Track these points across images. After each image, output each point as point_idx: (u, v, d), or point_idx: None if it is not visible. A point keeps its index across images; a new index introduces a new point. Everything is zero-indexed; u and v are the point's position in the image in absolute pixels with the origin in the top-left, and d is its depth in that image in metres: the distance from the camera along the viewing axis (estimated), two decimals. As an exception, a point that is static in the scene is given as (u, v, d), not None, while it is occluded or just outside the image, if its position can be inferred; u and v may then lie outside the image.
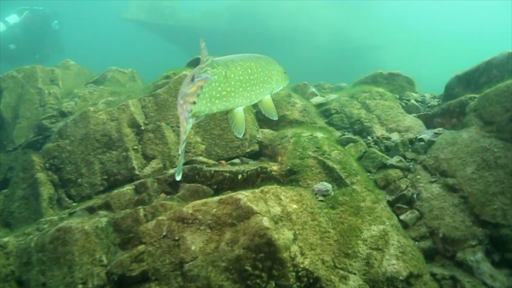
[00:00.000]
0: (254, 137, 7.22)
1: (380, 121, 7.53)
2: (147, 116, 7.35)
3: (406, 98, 8.61)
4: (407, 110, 8.03)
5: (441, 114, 7.04)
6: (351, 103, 8.08)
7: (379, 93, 8.29)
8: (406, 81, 9.42)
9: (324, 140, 6.40)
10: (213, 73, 2.96)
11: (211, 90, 2.97)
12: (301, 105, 7.93)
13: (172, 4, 35.38)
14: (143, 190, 6.32)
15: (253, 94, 3.54)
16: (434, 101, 8.53)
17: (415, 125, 7.23)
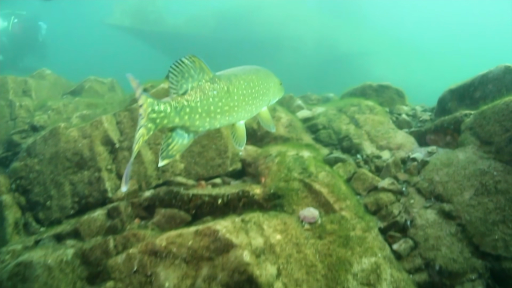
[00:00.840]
0: (237, 155, 6.79)
1: (370, 138, 7.12)
2: (122, 132, 6.87)
3: (396, 112, 8.23)
4: (398, 125, 7.64)
5: (434, 130, 6.65)
6: (339, 118, 7.67)
7: (368, 107, 7.89)
8: (396, 93, 9.04)
9: (310, 160, 5.97)
10: (213, 88, 2.95)
11: (207, 105, 2.93)
12: (286, 120, 7.50)
13: (157, 10, 34.91)
14: (115, 215, 5.83)
15: (254, 107, 3.50)
16: (425, 115, 8.14)
17: (407, 142, 6.83)
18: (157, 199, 5.84)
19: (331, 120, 7.63)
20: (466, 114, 6.15)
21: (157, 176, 6.52)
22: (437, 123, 6.64)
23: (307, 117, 7.83)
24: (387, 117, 7.79)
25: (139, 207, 5.92)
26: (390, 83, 9.11)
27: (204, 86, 2.92)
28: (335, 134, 7.34)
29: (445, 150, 6.04)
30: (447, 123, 6.37)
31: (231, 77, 3.18)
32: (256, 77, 3.51)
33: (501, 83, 6.29)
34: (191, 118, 2.86)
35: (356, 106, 7.95)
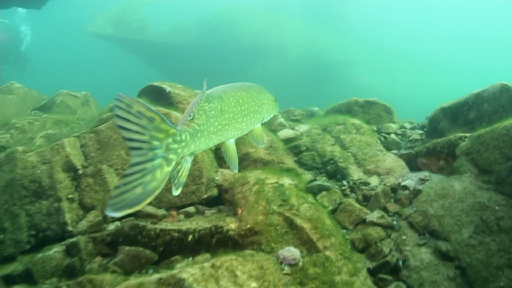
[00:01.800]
0: (212, 180, 6.22)
1: (356, 161, 6.58)
2: (87, 157, 6.25)
3: (385, 131, 7.70)
4: (387, 146, 7.12)
5: (427, 154, 6.13)
6: (324, 138, 7.12)
7: (354, 126, 7.36)
8: (384, 110, 8.53)
9: (292, 189, 5.41)
10: (210, 108, 2.86)
11: (210, 126, 2.84)
12: (267, 141, 6.94)
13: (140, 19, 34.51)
14: (74, 252, 5.19)
15: (244, 125, 3.38)
16: (415, 134, 7.63)
17: (397, 166, 6.30)
18: (121, 234, 5.22)
19: (315, 140, 7.09)
20: (461, 137, 5.63)
21: (125, 205, 5.89)
22: (429, 146, 6.12)
23: (289, 137, 7.27)
24: (375, 137, 7.26)
25: (101, 243, 5.29)
26: (377, 99, 8.60)
27: (204, 107, 2.83)
28: (319, 157, 6.79)
29: (439, 178, 5.51)
30: (440, 146, 5.84)
31: (221, 95, 3.09)
32: (246, 94, 3.41)
33: (497, 103, 5.80)
34: (200, 142, 2.75)
35: (342, 124, 7.42)
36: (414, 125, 8.57)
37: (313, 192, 5.72)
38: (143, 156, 2.23)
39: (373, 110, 8.44)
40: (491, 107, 5.83)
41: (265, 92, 3.92)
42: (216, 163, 6.56)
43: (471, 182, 4.93)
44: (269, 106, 3.99)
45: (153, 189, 2.16)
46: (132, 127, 2.17)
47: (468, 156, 5.25)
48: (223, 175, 6.40)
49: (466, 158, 5.26)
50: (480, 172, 4.99)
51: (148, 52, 33.45)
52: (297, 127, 7.98)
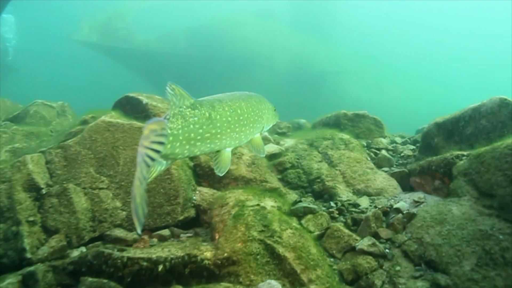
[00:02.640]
0: (190, 200, 5.74)
1: (345, 180, 6.11)
2: (53, 174, 5.72)
3: (375, 147, 7.26)
4: (377, 163, 6.66)
5: (420, 172, 5.68)
6: (310, 154, 6.65)
7: (343, 141, 6.90)
8: (374, 123, 8.09)
9: (274, 212, 4.92)
10: (194, 114, 2.89)
11: (188, 132, 2.85)
12: (249, 157, 6.46)
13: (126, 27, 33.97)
14: (32, 283, 4.64)
15: (243, 134, 3.41)
16: (407, 150, 7.20)
17: (389, 186, 5.84)
18: (84, 263, 4.67)
19: (300, 157, 6.62)
20: (458, 155, 5.18)
21: (92, 227, 5.39)
22: (423, 164, 5.67)
23: (273, 153, 6.79)
24: (365, 153, 6.81)
25: (63, 273, 4.74)
26: (367, 112, 8.16)
27: (185, 113, 2.85)
28: (305, 175, 6.32)
29: (435, 200, 5.05)
30: (436, 165, 5.39)
31: (214, 103, 3.09)
32: (245, 104, 3.42)
33: (496, 119, 5.37)
34: (172, 146, 2.77)
35: (330, 139, 6.95)
36: (405, 140, 8.15)
37: (297, 215, 5.23)
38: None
39: (363, 123, 8.00)
40: (490, 123, 5.40)
41: (265, 102, 3.96)
42: (194, 181, 6.07)
43: (471, 207, 4.47)
44: (269, 116, 3.99)
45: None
46: None
47: (467, 177, 4.79)
48: (202, 194, 5.92)
49: (465, 179, 4.81)
50: (481, 196, 4.53)
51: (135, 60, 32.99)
52: (282, 141, 7.51)
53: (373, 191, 5.78)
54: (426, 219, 4.66)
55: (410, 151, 7.10)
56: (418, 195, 5.28)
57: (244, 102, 3.43)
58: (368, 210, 5.25)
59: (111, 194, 5.60)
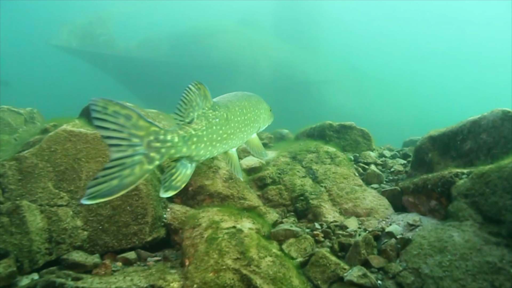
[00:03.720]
0: (160, 219, 5.14)
1: (331, 198, 5.54)
2: (5, 190, 5.04)
3: (363, 161, 6.72)
4: (366, 179, 6.12)
5: (415, 191, 5.14)
6: (293, 169, 6.08)
7: (329, 154, 6.34)
8: (361, 135, 7.56)
9: (252, 237, 4.33)
10: (215, 116, 2.94)
11: (212, 133, 2.91)
12: (227, 171, 5.87)
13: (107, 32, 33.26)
14: (-32, 318, 4.00)
15: (245, 134, 3.47)
16: (397, 164, 6.68)
17: (379, 206, 5.29)
18: (31, 295, 4.04)
19: (282, 171, 6.04)
20: (457, 173, 4.65)
21: (48, 250, 4.73)
22: (417, 182, 5.12)
23: (253, 167, 6.20)
24: (352, 168, 6.25)
25: (6, 306, 4.10)
26: (354, 123, 7.63)
27: (208, 114, 2.90)
28: (287, 192, 5.74)
29: (432, 224, 4.50)
30: (432, 183, 4.85)
31: (228, 104, 3.16)
32: (248, 103, 3.49)
33: (498, 133, 4.86)
34: (197, 148, 2.80)
35: (314, 152, 6.39)
36: (394, 153, 7.64)
37: (278, 238, 4.64)
38: (122, 152, 2.27)
39: (349, 135, 7.46)
40: (491, 138, 4.88)
41: (263, 102, 4.01)
42: (165, 197, 5.44)
43: (474, 233, 3.92)
44: (265, 116, 4.03)
45: (129, 184, 2.24)
46: (109, 126, 2.21)
47: (469, 198, 4.25)
48: (173, 212, 5.32)
49: (466, 201, 4.26)
50: (486, 221, 3.99)
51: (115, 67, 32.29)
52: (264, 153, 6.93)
53: (362, 212, 5.23)
54: (423, 246, 4.10)
55: (400, 166, 6.58)
56: (413, 217, 4.72)
57: (247, 102, 3.50)
58: (357, 234, 4.68)
59: (71, 212, 4.96)
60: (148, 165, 2.35)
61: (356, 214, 5.22)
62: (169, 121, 7.04)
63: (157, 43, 31.82)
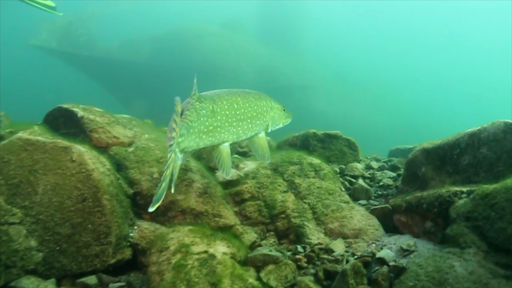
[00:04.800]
0: (125, 238, 4.58)
1: (315, 216, 5.02)
2: None
3: (350, 174, 6.22)
4: (353, 195, 5.62)
5: (407, 210, 4.65)
6: (274, 182, 5.54)
7: (313, 167, 5.82)
8: (347, 145, 7.07)
9: (226, 264, 3.79)
10: (201, 107, 3.08)
11: (200, 124, 3.06)
12: (201, 185, 5.32)
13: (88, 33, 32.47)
14: None
15: (240, 130, 3.63)
16: (386, 178, 6.20)
17: (369, 226, 4.78)
18: (-37, 333, 3.45)
19: (262, 185, 5.50)
20: (456, 192, 4.16)
21: (-5, 274, 4.14)
22: (410, 200, 4.63)
23: (230, 180, 5.65)
24: (338, 182, 5.74)
25: None
26: (339, 132, 7.14)
27: (195, 106, 3.07)
28: (267, 208, 5.20)
29: (428, 249, 3.99)
30: (428, 203, 4.36)
31: (214, 97, 3.35)
32: (242, 99, 3.61)
33: (500, 148, 4.39)
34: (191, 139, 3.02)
35: (297, 164, 5.87)
36: (382, 164, 7.17)
37: (256, 265, 4.10)
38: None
39: (335, 145, 6.97)
40: (492, 152, 4.41)
41: (268, 100, 4.08)
42: (133, 213, 4.91)
43: (479, 264, 3.42)
44: (274, 115, 4.11)
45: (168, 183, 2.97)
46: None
47: (471, 222, 3.76)
48: (141, 230, 4.77)
49: (468, 225, 3.77)
50: (492, 249, 3.50)
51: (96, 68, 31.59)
52: (242, 164, 6.39)
53: (350, 232, 4.72)
54: (420, 277, 3.59)
55: (390, 180, 6.10)
56: (406, 241, 4.21)
57: (240, 97, 3.55)
58: (344, 258, 4.16)
59: (24, 230, 4.37)
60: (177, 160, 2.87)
61: (343, 235, 4.70)
62: (142, 128, 6.47)
63: (139, 44, 31.19)
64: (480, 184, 4.21)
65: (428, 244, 4.15)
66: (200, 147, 3.20)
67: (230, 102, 3.40)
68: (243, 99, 3.61)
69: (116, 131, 5.79)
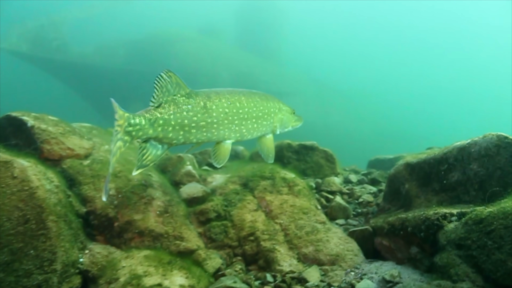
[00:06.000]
0: (74, 265, 3.99)
1: (287, 239, 4.49)
2: None
3: (326, 189, 5.72)
4: (330, 213, 5.12)
5: (390, 233, 4.16)
6: (243, 199, 5.00)
7: (286, 182, 5.29)
8: (324, 157, 6.58)
9: (182, 298, 3.25)
10: (188, 103, 3.21)
11: (181, 118, 3.17)
12: (162, 203, 4.75)
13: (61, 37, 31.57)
14: None
15: (244, 128, 3.62)
16: (366, 194, 5.73)
17: (347, 252, 4.26)
18: None
19: (230, 203, 4.96)
20: (445, 215, 3.68)
21: None
22: (393, 222, 4.14)
23: (195, 196, 5.09)
24: (314, 199, 5.22)
25: None
26: (316, 143, 6.64)
27: (179, 100, 3.19)
28: (234, 229, 4.66)
29: (415, 281, 3.48)
30: (413, 226, 3.87)
31: (210, 94, 3.41)
32: (246, 98, 3.65)
33: (493, 164, 3.92)
34: (164, 130, 3.12)
35: (269, 179, 5.33)
36: (361, 177, 6.70)
37: (218, 299, 3.56)
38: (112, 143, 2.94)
39: (311, 157, 6.48)
40: (484, 169, 3.94)
41: (276, 101, 4.12)
42: (84, 235, 4.34)
43: (474, 301, 2.94)
44: (282, 117, 4.10)
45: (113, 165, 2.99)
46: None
47: (463, 250, 3.28)
48: (93, 254, 4.21)
49: (459, 254, 3.29)
50: (488, 283, 3.01)
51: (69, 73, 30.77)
52: (211, 177, 5.84)
53: (326, 258, 4.20)
54: (406, 316, 3.09)
55: (370, 196, 5.62)
56: (390, 271, 3.70)
57: (244, 97, 3.60)
58: (319, 291, 3.65)
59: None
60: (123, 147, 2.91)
61: (318, 262, 4.18)
62: (102, 138, 5.88)
63: (114, 49, 30.52)
64: (471, 205, 3.74)
65: (414, 274, 3.66)
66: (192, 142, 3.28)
67: (232, 101, 3.43)
68: (247, 98, 3.64)
69: (71, 142, 5.17)
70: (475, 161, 4.03)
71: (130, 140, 2.94)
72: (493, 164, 3.91)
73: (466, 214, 3.50)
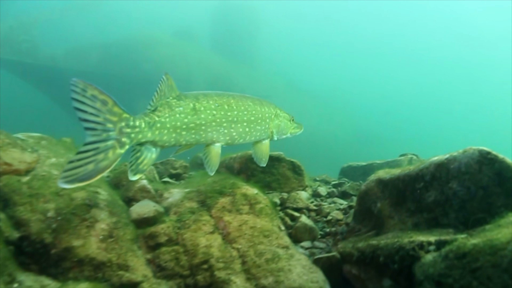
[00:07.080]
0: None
1: (245, 268, 3.96)
2: None
3: (292, 206, 5.20)
4: (294, 235, 4.60)
5: (360, 261, 3.66)
6: (198, 220, 4.45)
7: (247, 199, 4.75)
8: (291, 168, 6.08)
9: None
10: (178, 104, 3.22)
11: (174, 121, 3.17)
12: (106, 225, 4.18)
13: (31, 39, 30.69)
14: None
15: (234, 132, 3.62)
16: (335, 210, 5.24)
17: (311, 284, 3.73)
18: None
19: (184, 225, 4.41)
20: (421, 244, 3.19)
21: None
22: (364, 249, 3.64)
23: (145, 217, 4.52)
24: (277, 218, 4.69)
25: None
26: (282, 154, 6.14)
27: (171, 103, 3.21)
28: (186, 256, 4.11)
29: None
30: (385, 255, 3.38)
31: (198, 96, 3.42)
32: (236, 101, 3.62)
33: (474, 182, 3.45)
34: (161, 133, 3.12)
35: (229, 196, 4.80)
36: (331, 190, 6.23)
37: None
38: (97, 136, 2.69)
39: (277, 169, 5.97)
40: (464, 188, 3.47)
41: (273, 107, 4.17)
42: (15, 264, 3.78)
43: None
44: (279, 123, 4.17)
45: (104, 168, 2.67)
46: (87, 109, 2.65)
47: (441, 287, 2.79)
48: (21, 287, 3.64)
49: (438, 292, 2.80)
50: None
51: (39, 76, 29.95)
52: (167, 193, 5.27)
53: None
54: None
55: (339, 213, 5.13)
56: (359, 309, 3.21)
57: (234, 100, 3.61)
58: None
59: None
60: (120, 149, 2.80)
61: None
62: (51, 149, 5.26)
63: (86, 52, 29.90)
64: (451, 230, 3.27)
65: (387, 312, 3.16)
66: (181, 144, 3.29)
67: (220, 103, 3.41)
68: (237, 101, 3.61)
69: (9, 156, 4.55)
70: (454, 179, 3.56)
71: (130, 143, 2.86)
72: (474, 183, 3.44)
73: (446, 244, 3.01)
